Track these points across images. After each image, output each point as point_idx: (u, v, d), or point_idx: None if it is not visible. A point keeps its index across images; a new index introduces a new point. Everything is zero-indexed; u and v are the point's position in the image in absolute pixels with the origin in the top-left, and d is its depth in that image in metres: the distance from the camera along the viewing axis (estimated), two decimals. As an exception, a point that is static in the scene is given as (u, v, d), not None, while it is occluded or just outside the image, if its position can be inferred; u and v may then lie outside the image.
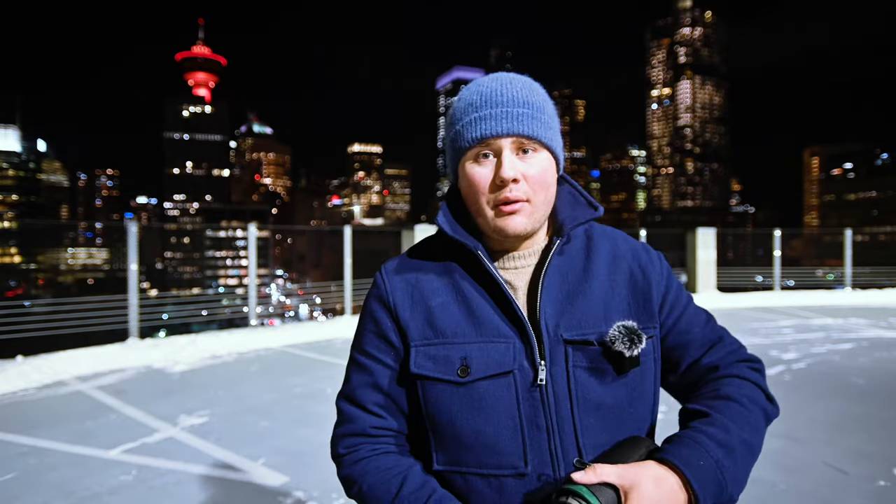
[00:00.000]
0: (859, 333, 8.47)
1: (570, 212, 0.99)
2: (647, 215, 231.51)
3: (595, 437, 0.88)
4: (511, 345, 0.88)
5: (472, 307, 0.91)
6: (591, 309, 0.91)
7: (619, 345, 0.88)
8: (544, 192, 0.91)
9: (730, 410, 0.86)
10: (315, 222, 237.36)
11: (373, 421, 0.94)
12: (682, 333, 0.98)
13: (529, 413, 0.87)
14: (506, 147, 0.89)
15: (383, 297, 0.96)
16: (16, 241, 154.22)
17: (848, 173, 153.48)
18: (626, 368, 0.90)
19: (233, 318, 10.91)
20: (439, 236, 1.00)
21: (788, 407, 4.73)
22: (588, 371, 0.89)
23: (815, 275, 16.61)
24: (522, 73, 0.97)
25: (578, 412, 0.88)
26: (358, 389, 0.96)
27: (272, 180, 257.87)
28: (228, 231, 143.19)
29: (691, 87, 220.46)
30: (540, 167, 0.90)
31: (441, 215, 0.97)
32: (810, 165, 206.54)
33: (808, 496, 3.07)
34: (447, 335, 0.90)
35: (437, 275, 0.96)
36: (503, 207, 0.89)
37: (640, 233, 13.81)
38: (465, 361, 0.88)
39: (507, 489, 0.86)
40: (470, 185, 0.91)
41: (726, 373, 0.94)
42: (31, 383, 5.71)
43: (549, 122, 0.92)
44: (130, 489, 3.24)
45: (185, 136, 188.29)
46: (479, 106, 0.90)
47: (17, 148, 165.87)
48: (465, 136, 0.91)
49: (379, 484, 0.88)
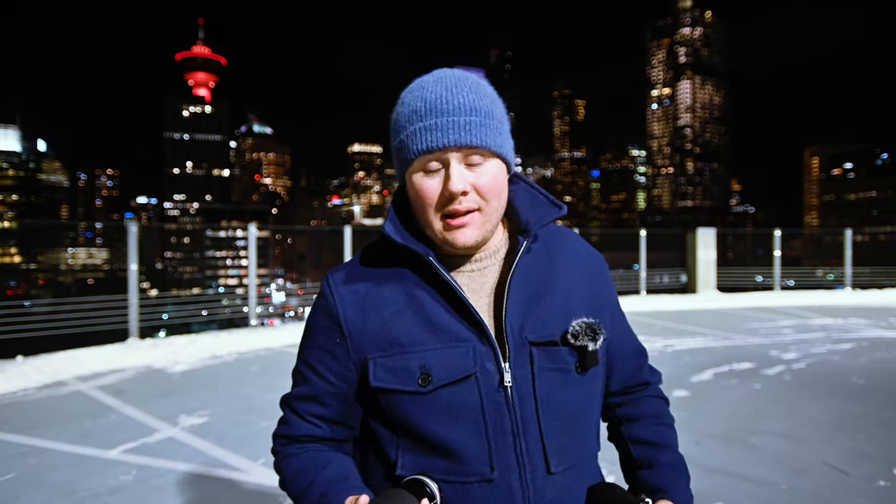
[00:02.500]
0: (859, 333, 8.47)
1: (533, 211, 0.96)
2: (647, 215, 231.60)
3: (558, 440, 0.88)
4: (470, 348, 0.87)
5: (428, 313, 0.88)
6: (554, 310, 0.91)
7: (584, 338, 0.89)
8: (496, 199, 0.88)
9: (672, 438, 1.04)
10: (315, 222, 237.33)
11: (307, 429, 0.95)
12: (621, 343, 1.05)
13: (494, 417, 0.86)
14: (453, 159, 0.85)
15: (332, 310, 0.92)
16: (16, 241, 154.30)
17: (848, 173, 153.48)
18: (588, 366, 0.91)
19: (233, 318, 10.91)
20: (384, 241, 0.95)
21: (788, 407, 4.73)
22: (552, 371, 0.89)
23: (815, 275, 16.62)
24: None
25: (543, 414, 0.87)
26: (296, 399, 0.96)
27: (272, 180, 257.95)
28: (228, 231, 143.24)
29: (691, 87, 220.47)
30: (490, 175, 0.86)
31: (388, 222, 0.93)
32: (810, 165, 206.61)
33: (809, 496, 3.06)
34: (404, 344, 0.87)
35: (388, 283, 0.92)
36: (451, 221, 0.86)
37: (640, 233, 13.79)
38: (424, 370, 0.86)
39: (474, 495, 0.85)
40: (417, 196, 0.88)
41: (655, 393, 1.08)
42: (31, 383, 5.71)
43: (499, 126, 0.88)
44: (130, 489, 3.24)
45: (185, 136, 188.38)
46: (423, 115, 0.85)
47: (17, 148, 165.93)
48: (409, 147, 0.86)
49: (302, 469, 0.92)
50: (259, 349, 7.60)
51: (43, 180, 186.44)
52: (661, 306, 11.87)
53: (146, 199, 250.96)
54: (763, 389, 5.30)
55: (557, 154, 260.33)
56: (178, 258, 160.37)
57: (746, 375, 5.84)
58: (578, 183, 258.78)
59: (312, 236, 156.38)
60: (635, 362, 1.06)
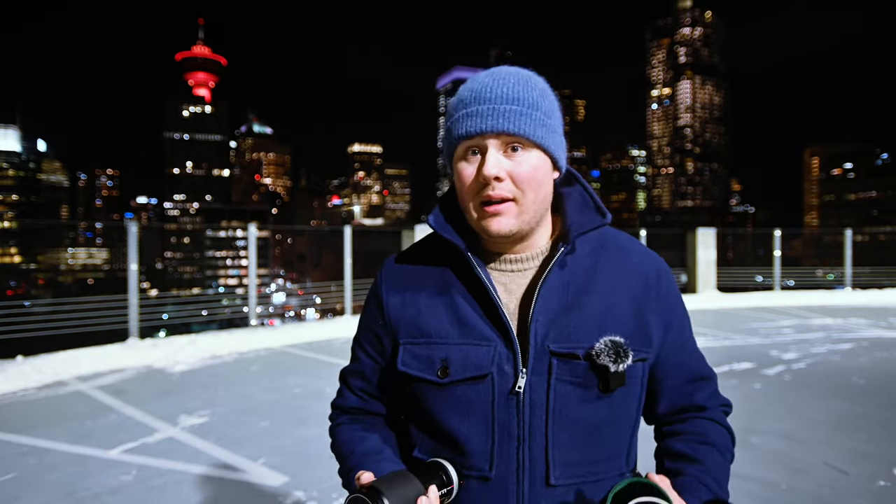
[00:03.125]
0: (859, 333, 8.47)
1: (578, 217, 0.95)
2: (647, 215, 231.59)
3: (567, 453, 0.87)
4: (492, 348, 0.88)
5: (458, 309, 0.91)
6: (586, 323, 0.89)
7: (605, 358, 0.86)
8: (533, 191, 0.87)
9: (712, 458, 0.93)
10: (315, 222, 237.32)
11: (356, 402, 1.04)
12: (674, 363, 0.98)
13: (503, 419, 0.87)
14: (491, 145, 0.86)
15: (378, 295, 1.00)
16: (16, 241, 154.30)
17: (848, 173, 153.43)
18: (611, 386, 0.87)
19: (233, 318, 10.91)
20: (436, 235, 0.99)
21: (788, 407, 4.73)
22: (571, 385, 0.87)
23: (815, 275, 16.62)
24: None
25: (553, 425, 0.86)
26: (349, 373, 1.06)
27: (272, 180, 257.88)
28: (228, 231, 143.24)
29: (691, 87, 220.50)
30: (528, 165, 0.86)
31: (432, 217, 0.96)
32: (810, 165, 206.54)
33: (809, 496, 3.06)
34: (431, 335, 0.91)
35: (429, 274, 0.97)
36: (487, 208, 0.87)
37: (640, 233, 13.80)
38: (444, 362, 0.89)
39: (471, 491, 0.88)
40: (458, 182, 0.91)
41: (711, 416, 0.98)
42: (31, 383, 5.71)
43: (543, 119, 0.88)
44: (130, 489, 3.24)
45: (185, 136, 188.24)
46: (468, 102, 0.88)
47: (17, 148, 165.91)
48: (453, 132, 0.89)
49: (346, 441, 1.00)
50: (259, 349, 7.60)
51: (43, 180, 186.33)
52: (661, 306, 11.84)
53: (146, 199, 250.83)
54: (763, 389, 5.30)
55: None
56: (178, 258, 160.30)
57: (746, 375, 5.84)
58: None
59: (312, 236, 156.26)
60: (690, 386, 0.99)
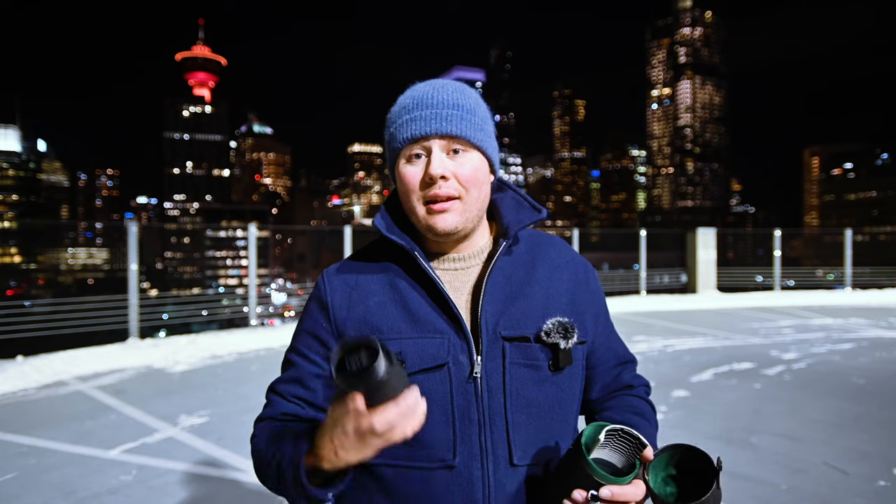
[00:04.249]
0: (859, 333, 8.47)
1: (515, 215, 1.02)
2: (647, 215, 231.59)
3: (525, 434, 0.91)
4: (446, 340, 0.91)
5: (409, 305, 0.94)
6: (531, 310, 0.94)
7: (555, 335, 0.92)
8: (476, 189, 0.93)
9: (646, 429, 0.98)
10: (315, 222, 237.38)
11: (289, 408, 0.96)
12: (604, 351, 1.06)
13: (462, 405, 0.89)
14: (435, 146, 0.92)
15: (322, 298, 0.99)
16: (16, 241, 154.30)
17: (848, 173, 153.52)
18: (561, 364, 0.93)
19: (233, 318, 10.92)
20: (381, 240, 1.02)
21: (788, 407, 4.73)
22: (524, 367, 0.92)
23: (815, 275, 16.62)
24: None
25: (511, 407, 0.90)
26: (282, 382, 0.99)
27: (272, 180, 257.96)
28: (228, 231, 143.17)
29: (691, 87, 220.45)
30: (470, 166, 0.93)
31: (378, 217, 1.00)
32: (810, 165, 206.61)
33: (809, 496, 3.06)
34: (383, 331, 0.92)
35: (375, 275, 0.98)
36: (433, 206, 0.92)
37: (640, 233, 13.79)
38: (400, 357, 0.90)
39: (436, 481, 0.89)
40: (402, 183, 0.95)
41: (637, 394, 1.07)
42: (31, 383, 5.71)
43: (480, 124, 0.95)
44: (130, 489, 3.24)
45: (185, 136, 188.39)
46: (410, 108, 0.94)
47: (17, 148, 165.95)
48: (397, 137, 0.94)
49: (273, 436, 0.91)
50: (259, 349, 7.60)
51: (43, 180, 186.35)
52: (662, 306, 11.87)
53: (146, 199, 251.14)
54: (763, 389, 5.30)
55: (557, 154, 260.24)
56: (178, 258, 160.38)
57: (746, 375, 5.84)
58: (578, 183, 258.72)
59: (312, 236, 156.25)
60: (618, 369, 1.08)
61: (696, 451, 0.81)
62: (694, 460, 0.82)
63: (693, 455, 0.81)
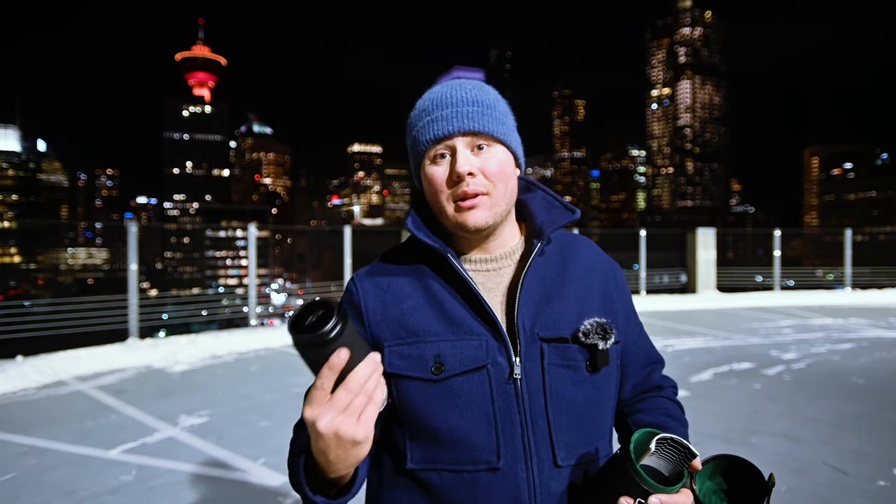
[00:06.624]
0: (859, 333, 8.47)
1: (548, 216, 1.01)
2: (647, 215, 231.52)
3: (567, 435, 0.91)
4: (483, 341, 0.90)
5: (444, 307, 0.93)
6: (566, 311, 0.94)
7: (594, 336, 0.92)
8: (503, 184, 0.93)
9: (677, 430, 1.00)
10: (315, 222, 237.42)
11: None
12: (635, 350, 1.07)
13: (503, 408, 0.89)
14: (459, 144, 0.92)
15: (355, 302, 0.98)
16: (16, 241, 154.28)
17: (848, 173, 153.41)
18: (598, 365, 0.93)
19: (233, 318, 10.91)
20: (410, 241, 1.02)
21: (788, 407, 4.73)
22: (562, 368, 0.92)
23: (815, 275, 16.61)
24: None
25: (552, 408, 0.90)
26: None
27: (272, 180, 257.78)
28: (228, 231, 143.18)
29: (691, 87, 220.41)
30: (496, 160, 0.93)
31: (410, 221, 0.99)
32: (810, 165, 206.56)
33: (808, 496, 3.07)
34: (420, 335, 0.92)
35: (408, 278, 0.98)
36: (462, 203, 0.92)
37: (640, 233, 13.79)
38: (438, 359, 0.90)
39: (481, 484, 0.88)
40: (429, 184, 0.94)
41: (667, 395, 1.08)
42: (31, 383, 5.71)
43: (502, 118, 0.95)
44: (130, 489, 3.25)
45: (185, 136, 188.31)
46: (431, 110, 0.94)
47: (17, 148, 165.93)
48: (420, 139, 0.94)
49: (291, 450, 0.90)
50: (259, 349, 7.60)
51: (43, 180, 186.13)
52: (661, 306, 11.87)
53: (146, 199, 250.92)
54: (763, 389, 5.30)
55: (557, 154, 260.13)
56: (178, 258, 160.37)
57: (746, 375, 5.84)
58: (578, 183, 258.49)
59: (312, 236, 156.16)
60: (648, 369, 1.08)
61: (743, 462, 0.80)
62: (740, 471, 0.81)
63: (738, 466, 0.81)
